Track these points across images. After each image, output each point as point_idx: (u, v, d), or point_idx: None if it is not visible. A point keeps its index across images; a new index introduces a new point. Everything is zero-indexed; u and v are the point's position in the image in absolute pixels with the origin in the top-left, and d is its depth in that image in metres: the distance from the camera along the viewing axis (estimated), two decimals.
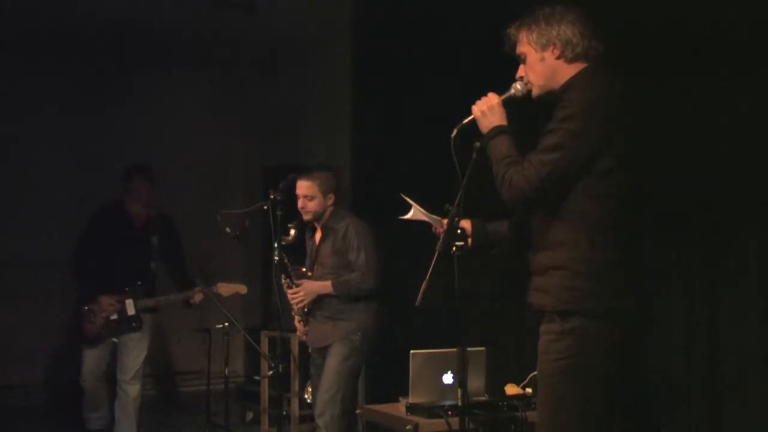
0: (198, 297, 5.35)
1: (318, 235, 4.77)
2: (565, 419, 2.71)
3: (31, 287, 7.37)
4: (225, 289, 5.32)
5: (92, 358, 5.40)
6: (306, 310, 4.70)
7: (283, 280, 4.73)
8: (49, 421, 6.98)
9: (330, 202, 4.68)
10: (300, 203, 4.64)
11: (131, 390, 5.44)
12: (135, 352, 5.45)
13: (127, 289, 5.36)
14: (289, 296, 4.70)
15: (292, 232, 4.62)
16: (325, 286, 4.61)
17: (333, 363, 4.54)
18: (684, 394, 4.04)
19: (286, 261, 4.67)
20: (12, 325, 7.31)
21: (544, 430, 2.76)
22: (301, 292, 4.64)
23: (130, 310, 5.33)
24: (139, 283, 5.40)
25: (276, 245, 4.57)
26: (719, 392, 3.90)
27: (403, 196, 3.24)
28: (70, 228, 5.88)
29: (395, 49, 5.99)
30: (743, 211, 3.85)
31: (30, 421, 6.96)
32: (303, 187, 4.64)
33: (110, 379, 5.56)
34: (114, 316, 5.33)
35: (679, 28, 4.04)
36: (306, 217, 4.68)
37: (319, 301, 4.65)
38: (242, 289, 5.39)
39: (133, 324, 5.36)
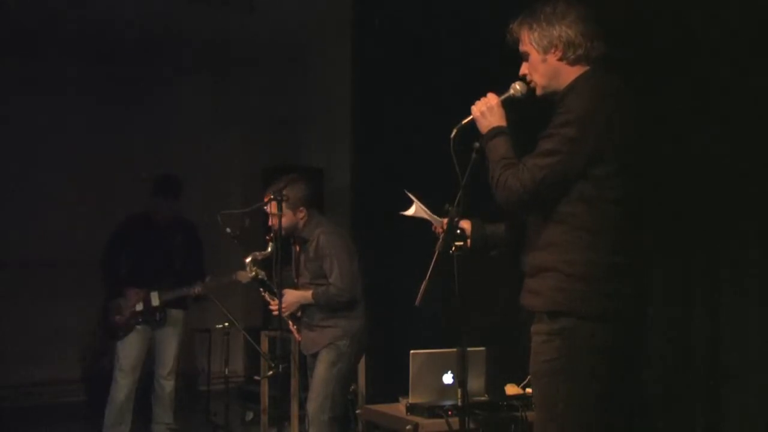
0: (197, 290, 5.67)
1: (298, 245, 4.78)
2: (559, 420, 2.70)
3: (35, 287, 7.40)
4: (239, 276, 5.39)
5: (127, 350, 5.73)
6: (299, 314, 4.70)
7: (262, 292, 4.76)
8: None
9: (301, 215, 4.61)
10: (270, 221, 4.53)
11: (167, 385, 5.86)
12: (169, 347, 5.85)
13: (153, 282, 5.73)
14: (271, 307, 4.71)
15: (270, 246, 4.51)
16: (305, 296, 4.61)
17: (320, 370, 4.55)
18: (683, 394, 4.04)
19: (261, 276, 4.65)
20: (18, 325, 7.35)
21: (543, 430, 2.77)
22: (284, 304, 4.60)
23: (155, 302, 5.72)
24: (164, 278, 5.75)
25: (249, 260, 4.61)
26: (719, 391, 3.90)
27: (406, 192, 3.24)
28: (77, 229, 5.97)
29: (395, 50, 5.99)
30: (743, 210, 3.85)
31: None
32: (271, 206, 4.50)
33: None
34: (140, 307, 5.69)
35: (680, 27, 4.04)
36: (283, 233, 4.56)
37: (305, 309, 4.65)
38: (244, 276, 5.39)
39: (157, 315, 5.73)
